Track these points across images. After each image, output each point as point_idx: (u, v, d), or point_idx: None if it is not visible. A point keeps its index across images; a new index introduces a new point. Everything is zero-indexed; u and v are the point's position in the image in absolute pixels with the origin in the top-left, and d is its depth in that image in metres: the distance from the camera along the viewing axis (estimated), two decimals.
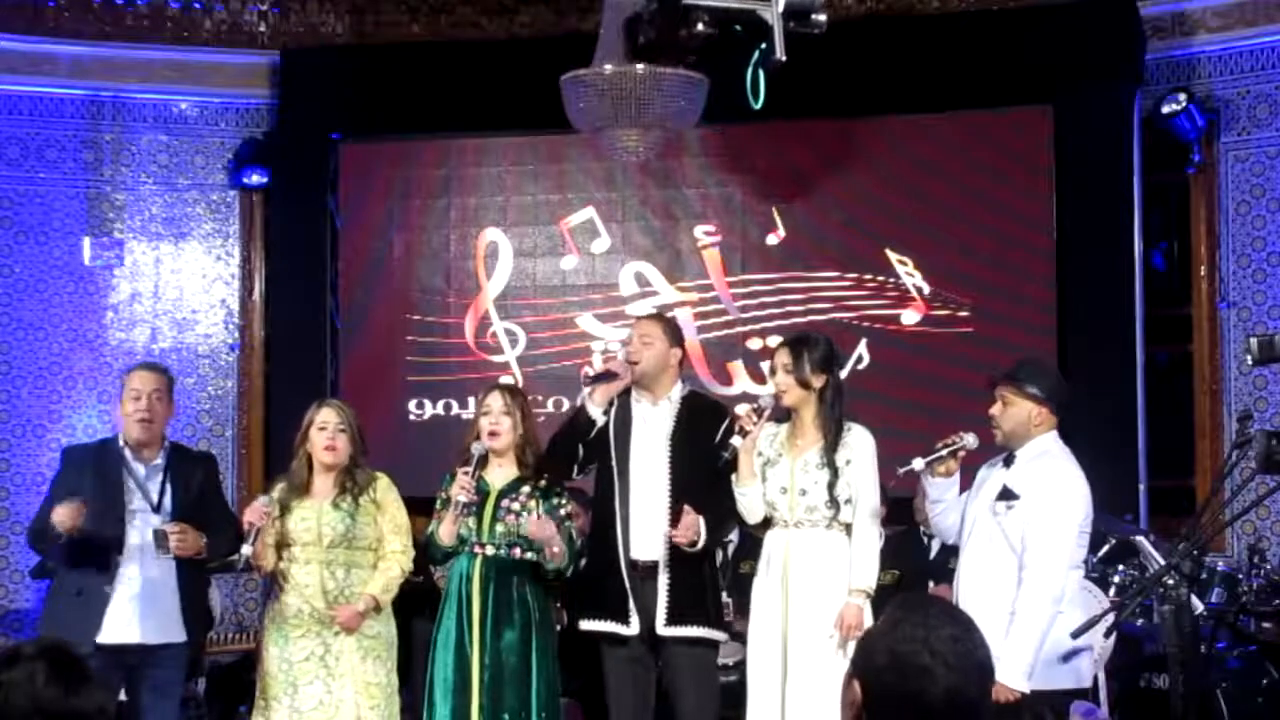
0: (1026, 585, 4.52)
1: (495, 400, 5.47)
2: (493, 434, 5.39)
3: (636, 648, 5.30)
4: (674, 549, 5.25)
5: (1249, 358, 4.27)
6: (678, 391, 5.42)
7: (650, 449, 5.32)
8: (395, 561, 5.45)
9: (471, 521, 5.36)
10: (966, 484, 4.91)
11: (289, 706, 5.30)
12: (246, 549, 5.21)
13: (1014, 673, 4.45)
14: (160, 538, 5.22)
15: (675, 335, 5.50)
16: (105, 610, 5.24)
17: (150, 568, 5.30)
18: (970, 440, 4.78)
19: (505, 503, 5.38)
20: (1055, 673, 4.58)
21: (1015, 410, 4.67)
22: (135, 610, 5.29)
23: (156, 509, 5.34)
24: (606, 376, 5.45)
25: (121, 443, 5.43)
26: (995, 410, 4.70)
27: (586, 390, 5.43)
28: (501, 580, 5.33)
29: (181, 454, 5.57)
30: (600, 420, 5.38)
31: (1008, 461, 4.70)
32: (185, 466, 5.49)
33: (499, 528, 5.36)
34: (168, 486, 5.38)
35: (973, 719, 2.21)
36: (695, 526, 5.16)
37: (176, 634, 5.37)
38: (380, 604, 5.42)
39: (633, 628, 5.25)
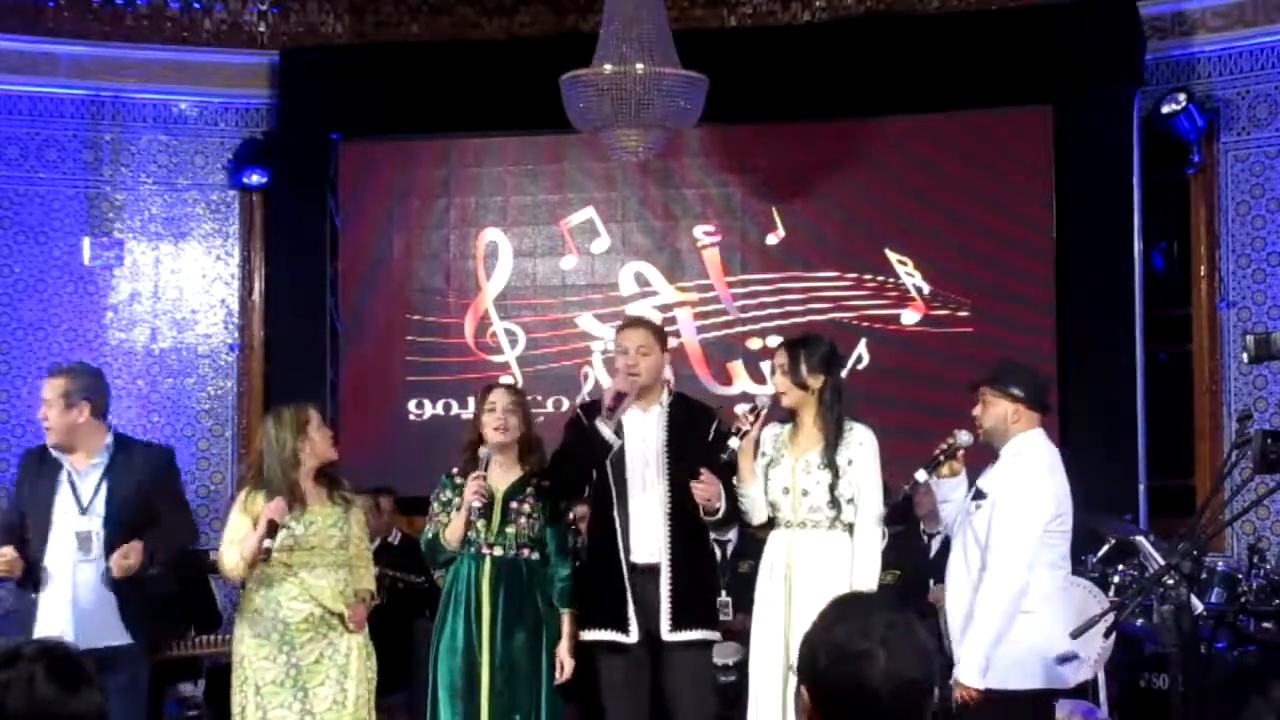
0: (985, 584, 4.60)
1: (501, 397, 5.41)
2: (499, 429, 5.33)
3: (636, 653, 5.26)
4: (675, 551, 5.21)
5: (1244, 355, 4.32)
6: (665, 395, 5.39)
7: (645, 453, 5.28)
8: (369, 564, 5.53)
9: (480, 524, 5.32)
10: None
11: (300, 710, 5.27)
12: (269, 543, 5.02)
13: (968, 670, 4.56)
14: (83, 540, 5.03)
15: (664, 340, 5.47)
16: (33, 619, 5.02)
17: (79, 571, 5.06)
18: (964, 437, 4.84)
19: (514, 505, 5.34)
20: (1029, 673, 4.60)
21: (995, 410, 4.75)
22: (67, 616, 5.03)
23: (84, 510, 5.10)
24: (620, 398, 5.34)
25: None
26: (977, 410, 4.80)
27: (606, 417, 5.25)
28: (511, 582, 5.30)
29: (126, 450, 5.27)
30: (616, 444, 5.25)
31: (995, 461, 4.78)
32: (127, 463, 5.21)
33: (509, 530, 5.32)
34: (103, 486, 5.15)
35: (918, 700, 2.24)
36: (716, 484, 5.11)
37: (119, 636, 5.10)
38: (374, 599, 5.53)
39: (632, 636, 5.20)
